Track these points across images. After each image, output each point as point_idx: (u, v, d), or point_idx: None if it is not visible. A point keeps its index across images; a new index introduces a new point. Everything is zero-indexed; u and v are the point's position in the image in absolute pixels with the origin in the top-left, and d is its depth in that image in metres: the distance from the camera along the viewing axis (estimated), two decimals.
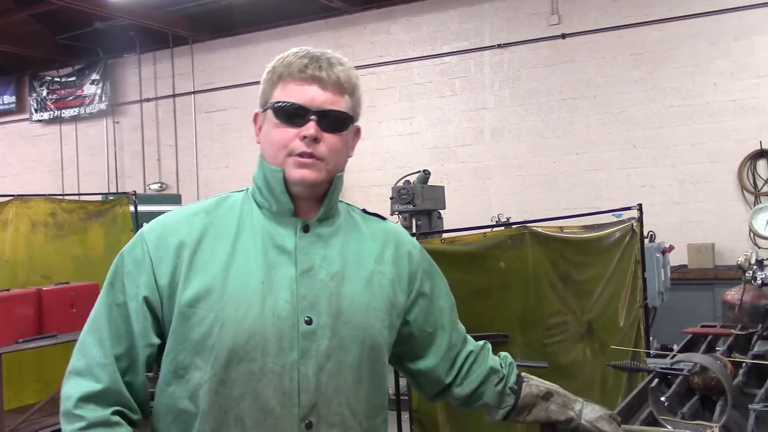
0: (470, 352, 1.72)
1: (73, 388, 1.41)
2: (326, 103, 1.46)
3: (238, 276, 1.43)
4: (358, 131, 1.60)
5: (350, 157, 1.58)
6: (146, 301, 1.44)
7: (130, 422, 1.44)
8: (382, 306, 1.53)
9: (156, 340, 1.46)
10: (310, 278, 1.46)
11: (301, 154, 1.45)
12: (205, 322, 1.41)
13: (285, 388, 1.42)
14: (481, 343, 1.77)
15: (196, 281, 1.43)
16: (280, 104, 1.46)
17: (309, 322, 1.44)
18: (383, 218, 1.68)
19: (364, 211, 1.67)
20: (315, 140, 1.45)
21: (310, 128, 1.45)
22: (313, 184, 1.48)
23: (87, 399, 1.40)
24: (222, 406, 1.41)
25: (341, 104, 1.49)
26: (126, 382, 1.43)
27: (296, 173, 1.46)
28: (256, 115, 1.56)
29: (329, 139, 1.47)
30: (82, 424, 1.38)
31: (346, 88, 1.50)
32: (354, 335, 1.47)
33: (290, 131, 1.46)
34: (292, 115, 1.46)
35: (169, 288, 1.44)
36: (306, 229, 1.50)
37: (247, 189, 1.57)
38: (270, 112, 1.49)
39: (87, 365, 1.42)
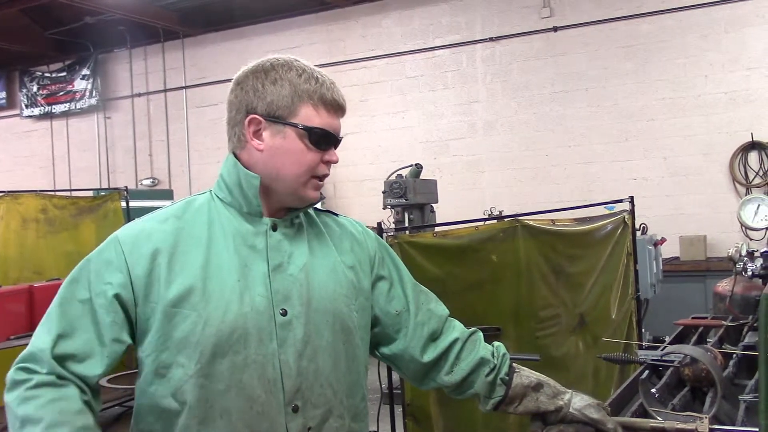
0: (456, 339, 1.75)
1: (12, 370, 1.41)
2: (341, 131, 1.61)
3: (215, 275, 1.49)
4: None
5: None
6: (118, 298, 1.46)
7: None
8: (347, 291, 1.63)
9: (126, 339, 1.47)
10: (281, 273, 1.54)
11: (323, 177, 1.59)
12: (188, 321, 1.46)
13: (269, 375, 1.50)
14: (470, 330, 1.79)
15: (176, 283, 1.47)
16: (318, 130, 1.54)
17: (284, 313, 1.52)
18: (336, 214, 1.78)
19: (316, 208, 1.74)
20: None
21: (336, 155, 1.59)
22: None
23: (26, 370, 1.40)
24: (208, 400, 1.46)
25: None
26: (76, 374, 1.42)
27: (314, 194, 1.59)
28: (253, 119, 1.54)
29: None
30: (30, 384, 1.38)
31: None
32: (325, 321, 1.57)
33: (317, 155, 1.56)
34: (324, 141, 1.55)
35: (144, 290, 1.47)
36: (274, 228, 1.58)
37: (210, 191, 1.62)
38: (298, 131, 1.53)
39: (30, 352, 1.42)
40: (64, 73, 11.33)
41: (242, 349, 1.47)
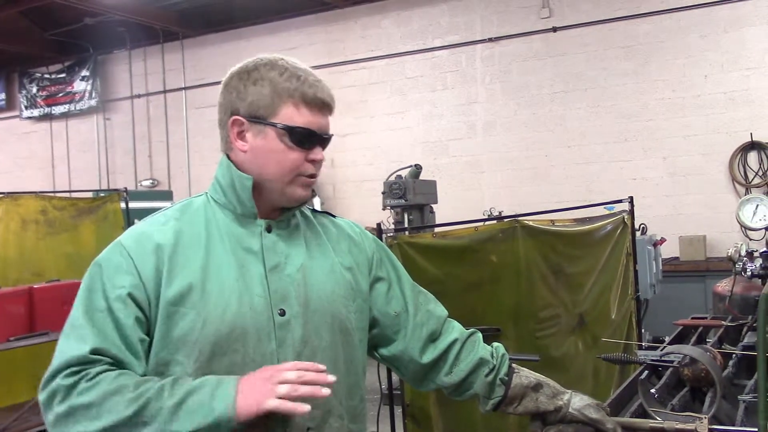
0: (455, 340, 1.75)
1: (56, 380, 1.37)
2: (329, 129, 1.58)
3: (215, 275, 1.50)
4: None
5: None
6: (132, 299, 1.44)
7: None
8: (346, 293, 1.63)
9: (146, 337, 1.46)
10: (278, 274, 1.55)
11: (311, 176, 1.56)
12: (187, 319, 1.46)
13: None
14: (469, 331, 1.79)
15: (177, 280, 1.47)
16: (299, 129, 1.52)
17: (282, 313, 1.53)
18: (333, 215, 1.78)
19: (313, 210, 1.74)
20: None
21: (321, 154, 1.55)
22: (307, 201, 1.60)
23: (74, 373, 1.36)
24: None
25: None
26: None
27: (302, 194, 1.56)
28: (235, 120, 1.54)
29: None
30: (88, 376, 1.35)
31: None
32: (324, 321, 1.57)
33: (301, 154, 1.53)
34: (305, 140, 1.53)
35: (155, 288, 1.46)
36: (269, 229, 1.58)
37: (206, 193, 1.62)
38: (278, 131, 1.52)
39: (68, 360, 1.38)
40: (63, 75, 11.34)
41: (241, 348, 1.47)
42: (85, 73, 11.11)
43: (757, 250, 2.94)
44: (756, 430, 1.51)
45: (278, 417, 1.49)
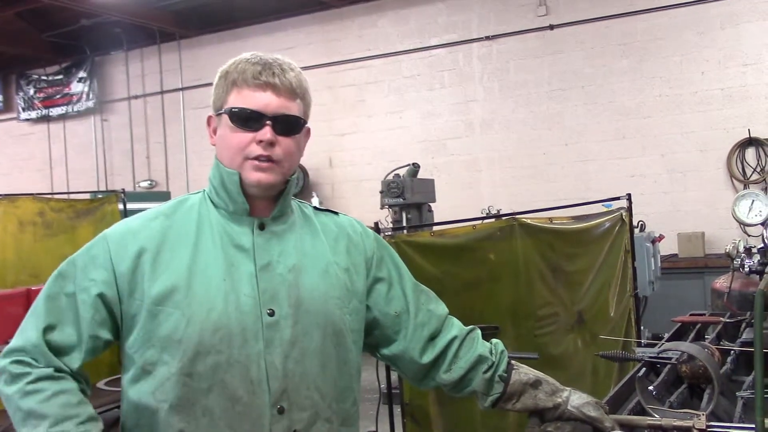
0: (454, 337, 1.74)
1: (7, 361, 1.46)
2: (280, 108, 1.53)
3: (201, 274, 1.50)
4: (308, 132, 1.65)
5: (301, 156, 1.64)
6: (101, 297, 1.49)
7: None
8: (340, 294, 1.61)
9: (105, 336, 1.50)
10: (269, 273, 1.54)
11: (258, 158, 1.52)
12: (172, 319, 1.47)
13: (252, 376, 1.49)
14: (468, 328, 1.79)
15: (160, 281, 1.48)
16: (236, 110, 1.52)
17: (271, 313, 1.52)
18: (335, 212, 1.76)
19: (315, 207, 1.73)
20: (271, 144, 1.52)
21: (267, 133, 1.51)
22: (270, 187, 1.55)
23: (22, 363, 1.45)
24: (189, 398, 1.47)
25: (294, 108, 1.56)
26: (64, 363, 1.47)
27: (253, 176, 1.52)
28: (209, 118, 1.62)
29: (284, 143, 1.54)
30: (30, 378, 1.42)
31: (297, 92, 1.57)
32: (315, 323, 1.55)
33: (246, 135, 1.52)
34: (248, 120, 1.52)
35: (129, 286, 1.49)
36: (262, 227, 1.57)
37: (204, 191, 1.63)
38: (225, 117, 1.54)
39: (23, 345, 1.47)
40: (60, 76, 11.32)
41: (225, 349, 1.47)
42: (82, 74, 11.10)
43: (755, 246, 2.94)
44: (753, 426, 1.51)
45: (264, 422, 1.49)
